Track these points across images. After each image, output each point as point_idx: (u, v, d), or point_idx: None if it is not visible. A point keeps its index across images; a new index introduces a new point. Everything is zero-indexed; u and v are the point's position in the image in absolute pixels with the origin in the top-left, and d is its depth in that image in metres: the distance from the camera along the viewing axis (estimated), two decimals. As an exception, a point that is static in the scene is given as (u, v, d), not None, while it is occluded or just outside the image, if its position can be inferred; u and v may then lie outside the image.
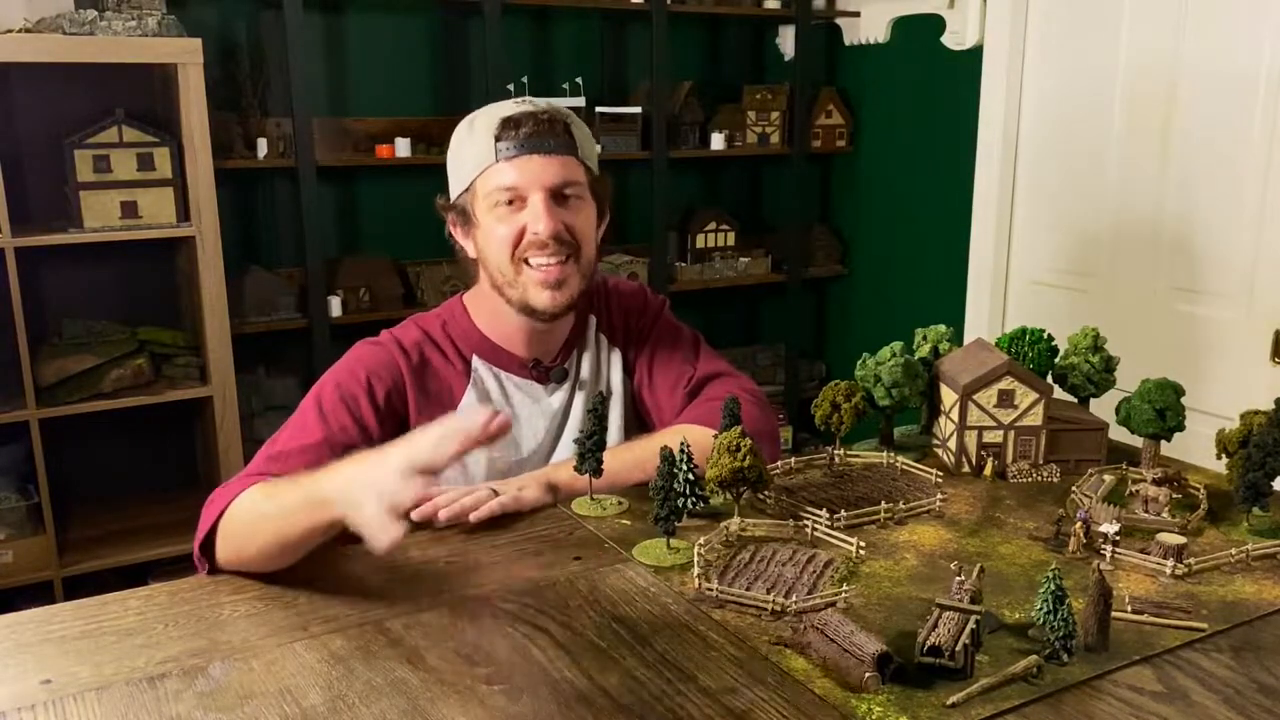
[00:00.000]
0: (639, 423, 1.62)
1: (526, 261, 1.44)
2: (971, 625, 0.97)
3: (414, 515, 1.27)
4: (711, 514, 1.30)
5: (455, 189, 1.50)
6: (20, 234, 2.45)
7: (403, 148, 3.05)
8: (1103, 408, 1.58)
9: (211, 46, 2.74)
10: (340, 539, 1.31)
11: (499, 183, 1.42)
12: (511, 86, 3.08)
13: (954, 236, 3.32)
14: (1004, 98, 3.10)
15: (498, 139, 1.42)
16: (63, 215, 2.57)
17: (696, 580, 1.13)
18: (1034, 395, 1.47)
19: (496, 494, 1.34)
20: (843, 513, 1.29)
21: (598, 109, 3.33)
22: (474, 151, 1.45)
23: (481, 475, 1.48)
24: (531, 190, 1.42)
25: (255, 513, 1.21)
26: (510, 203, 1.43)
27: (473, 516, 1.30)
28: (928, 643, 0.96)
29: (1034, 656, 0.98)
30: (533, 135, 1.41)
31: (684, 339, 1.65)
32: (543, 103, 1.47)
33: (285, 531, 1.16)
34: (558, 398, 1.56)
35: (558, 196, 1.44)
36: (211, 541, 1.23)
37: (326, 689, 0.96)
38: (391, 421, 1.44)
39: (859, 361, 1.59)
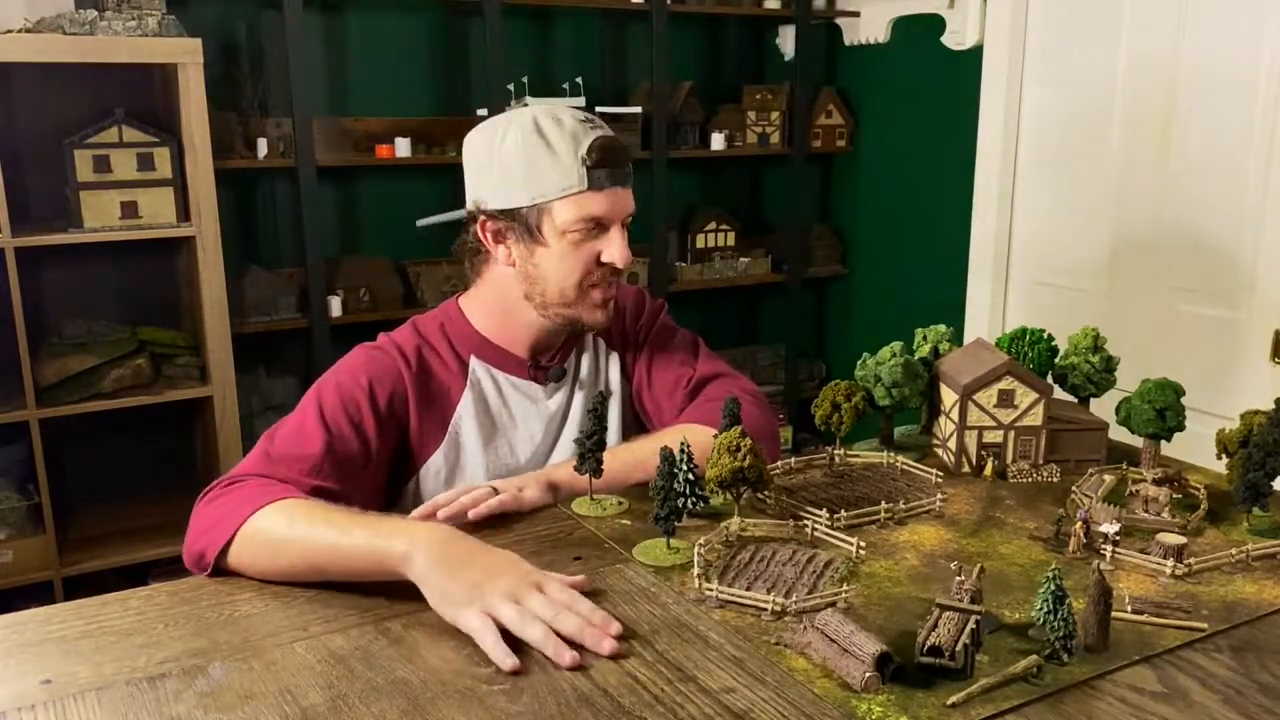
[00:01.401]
0: (638, 426, 1.63)
1: (593, 285, 1.47)
2: (971, 625, 0.97)
3: (413, 515, 1.27)
4: (711, 514, 1.30)
5: (519, 199, 1.42)
6: (20, 234, 2.46)
7: (403, 148, 3.06)
8: (1103, 408, 1.58)
9: (211, 46, 2.74)
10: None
11: (590, 211, 1.42)
12: (511, 86, 3.08)
13: (954, 237, 3.32)
14: (1004, 98, 3.10)
15: (590, 166, 1.40)
16: (63, 215, 2.57)
17: (696, 580, 1.13)
18: (1034, 395, 1.47)
19: (496, 492, 1.34)
20: (843, 513, 1.29)
21: (598, 109, 3.32)
22: (558, 171, 1.40)
23: (481, 476, 1.48)
24: (614, 221, 1.44)
25: (289, 533, 1.17)
26: (592, 229, 1.44)
27: (471, 514, 1.30)
28: (928, 643, 0.96)
29: (1034, 656, 0.98)
30: (620, 165, 1.43)
31: (683, 341, 1.65)
32: (600, 122, 1.47)
33: (332, 562, 1.14)
34: (556, 399, 1.56)
35: (625, 226, 1.47)
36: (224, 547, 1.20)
37: (326, 689, 0.96)
38: (392, 428, 1.44)
39: (859, 361, 1.59)
